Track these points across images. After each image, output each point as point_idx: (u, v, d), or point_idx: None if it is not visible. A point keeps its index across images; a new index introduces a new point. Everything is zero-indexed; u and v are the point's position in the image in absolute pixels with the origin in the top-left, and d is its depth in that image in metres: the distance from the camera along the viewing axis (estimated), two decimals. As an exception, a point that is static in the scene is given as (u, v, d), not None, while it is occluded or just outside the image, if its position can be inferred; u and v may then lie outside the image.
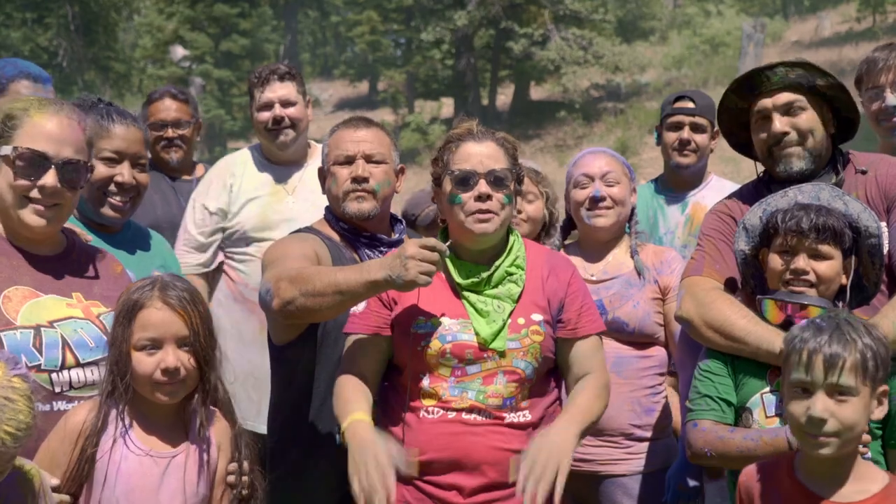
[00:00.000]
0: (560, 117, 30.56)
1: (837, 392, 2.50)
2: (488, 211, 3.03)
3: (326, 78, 42.41)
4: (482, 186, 3.04)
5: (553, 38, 30.01)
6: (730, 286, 3.31)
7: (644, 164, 21.95)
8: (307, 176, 4.77)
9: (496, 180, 3.05)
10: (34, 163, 2.80)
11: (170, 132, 5.20)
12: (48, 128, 2.83)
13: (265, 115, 4.72)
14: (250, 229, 4.69)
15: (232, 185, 4.75)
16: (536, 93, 35.14)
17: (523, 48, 30.41)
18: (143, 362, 2.69)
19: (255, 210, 4.70)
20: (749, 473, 2.73)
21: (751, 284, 3.22)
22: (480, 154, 3.08)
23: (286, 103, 4.73)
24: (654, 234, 4.63)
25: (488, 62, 34.07)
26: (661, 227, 4.68)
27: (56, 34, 26.84)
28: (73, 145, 2.88)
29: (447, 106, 35.44)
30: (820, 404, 2.48)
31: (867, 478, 2.57)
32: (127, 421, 2.70)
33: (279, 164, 4.82)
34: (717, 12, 35.19)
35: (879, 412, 2.58)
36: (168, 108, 5.23)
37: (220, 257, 4.81)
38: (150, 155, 5.26)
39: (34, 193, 2.81)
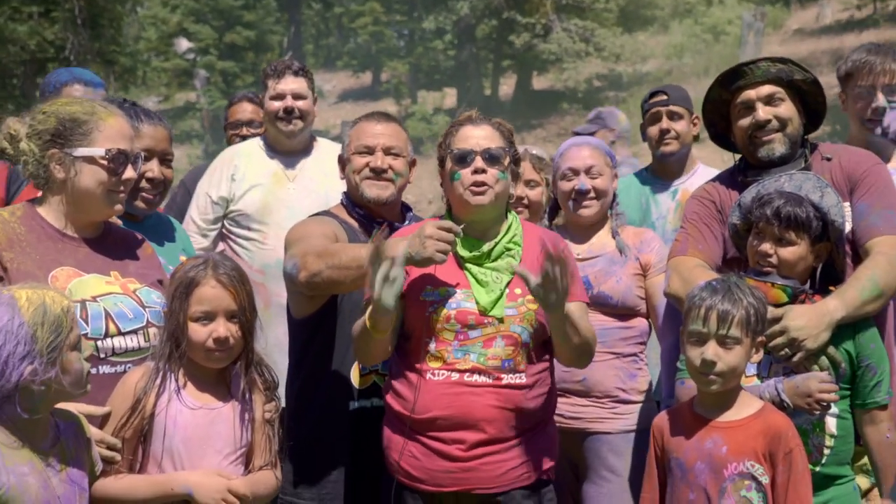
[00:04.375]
0: (562, 107, 30.77)
1: (725, 341, 3.08)
2: (483, 184, 3.38)
3: (329, 69, 42.57)
4: (478, 162, 3.39)
5: (555, 29, 30.20)
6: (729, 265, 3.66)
7: (646, 152, 22.13)
8: (308, 166, 5.13)
9: (491, 157, 3.40)
10: (120, 160, 3.18)
11: (245, 130, 5.85)
12: (119, 128, 3.21)
13: (277, 105, 5.07)
14: (253, 213, 5.03)
15: (234, 174, 5.08)
16: (539, 83, 35.30)
17: (525, 40, 30.61)
18: (198, 332, 3.07)
19: (257, 196, 5.04)
20: (660, 416, 3.33)
21: (743, 255, 3.56)
22: (477, 136, 3.45)
23: (298, 96, 5.08)
24: (647, 220, 4.90)
25: (491, 52, 34.26)
26: (653, 212, 4.95)
27: (62, 28, 26.98)
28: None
29: (450, 96, 35.61)
30: (711, 350, 3.09)
31: (745, 405, 3.17)
32: (181, 381, 3.08)
33: (283, 153, 5.16)
34: (719, 1, 35.27)
35: (757, 357, 3.20)
36: (244, 109, 5.94)
37: (221, 246, 5.13)
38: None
39: (118, 187, 3.20)
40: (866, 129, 4.26)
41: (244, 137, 5.78)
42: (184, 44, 37.10)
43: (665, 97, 4.94)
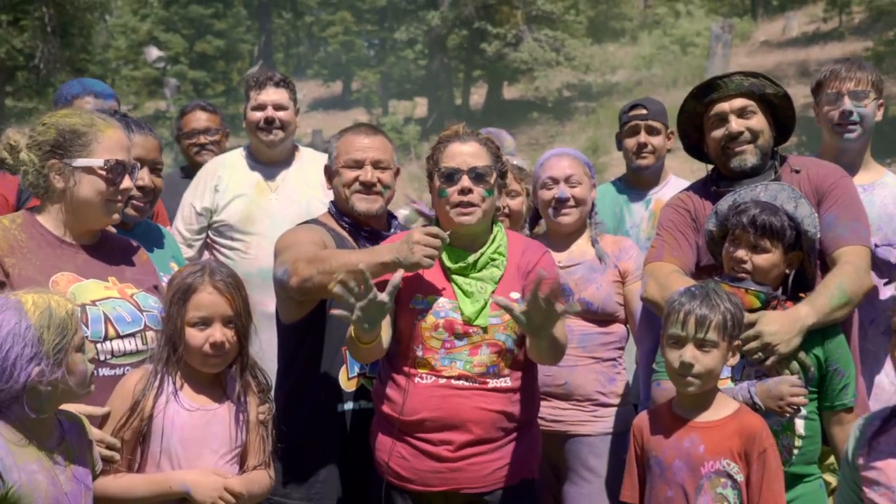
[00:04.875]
0: (532, 117, 30.97)
1: (703, 344, 3.20)
2: (470, 204, 3.47)
3: (300, 78, 42.59)
4: (464, 181, 3.48)
5: (525, 40, 30.43)
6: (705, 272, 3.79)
7: (615, 162, 22.35)
8: (290, 176, 5.22)
9: (477, 176, 3.50)
10: (118, 171, 3.28)
11: (202, 139, 5.88)
12: (117, 139, 3.32)
13: (257, 115, 5.17)
14: (235, 223, 5.12)
15: (217, 185, 5.16)
16: (509, 92, 35.53)
17: (496, 50, 30.81)
18: (195, 337, 3.18)
19: (240, 206, 5.13)
20: (640, 416, 3.45)
21: (718, 261, 3.70)
22: (464, 153, 3.53)
23: (278, 107, 5.17)
24: (621, 228, 5.04)
25: (461, 62, 34.46)
26: (627, 221, 5.08)
27: (32, 36, 26.89)
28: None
29: (421, 106, 35.75)
30: (689, 353, 3.21)
31: (722, 406, 3.30)
32: (178, 384, 3.19)
33: (266, 163, 5.25)
34: (687, 13, 35.61)
35: (732, 360, 3.31)
36: (199, 118, 5.96)
37: (206, 255, 5.21)
38: (186, 161, 5.91)
39: (116, 196, 3.30)
40: (836, 135, 4.38)
41: (203, 146, 5.87)
42: (154, 52, 37.01)
43: (645, 111, 5.06)
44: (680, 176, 5.28)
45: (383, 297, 3.20)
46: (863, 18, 31.86)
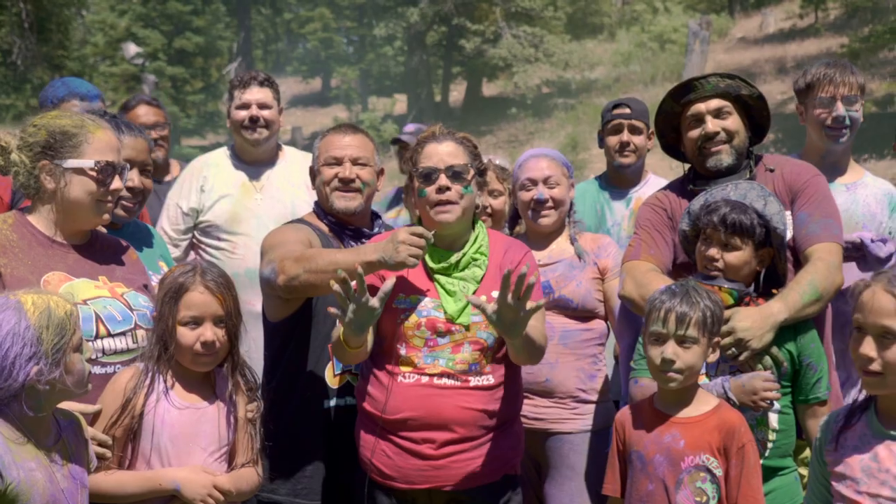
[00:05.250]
0: (512, 113, 31.03)
1: (683, 341, 3.27)
2: (448, 202, 3.54)
3: (279, 75, 42.53)
4: (442, 180, 3.55)
5: (504, 36, 30.50)
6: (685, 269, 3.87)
7: (594, 159, 22.48)
8: (275, 175, 5.27)
9: (454, 174, 3.56)
10: (109, 172, 3.34)
11: (152, 133, 5.67)
12: (108, 141, 3.37)
13: (242, 114, 5.21)
14: (222, 224, 5.16)
15: (203, 185, 5.21)
16: (489, 89, 35.58)
17: (475, 46, 30.86)
18: (186, 336, 3.24)
19: (226, 206, 5.17)
20: (623, 411, 3.50)
21: (692, 260, 3.77)
22: (441, 153, 3.60)
23: (263, 106, 5.21)
24: (602, 226, 5.10)
25: (441, 59, 34.49)
26: (608, 219, 5.15)
27: (9, 32, 26.76)
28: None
29: (400, 102, 35.78)
30: (670, 349, 3.28)
31: (703, 402, 3.37)
32: (169, 382, 3.25)
33: (250, 163, 5.29)
34: (665, 9, 35.72)
35: (713, 357, 3.40)
36: (146, 113, 5.84)
37: (191, 255, 5.26)
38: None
39: (106, 197, 3.36)
40: (827, 138, 4.46)
41: (154, 141, 5.81)
42: (132, 49, 36.89)
43: (628, 111, 5.12)
44: (658, 173, 5.36)
45: (374, 302, 3.26)
46: (838, 15, 32.06)
